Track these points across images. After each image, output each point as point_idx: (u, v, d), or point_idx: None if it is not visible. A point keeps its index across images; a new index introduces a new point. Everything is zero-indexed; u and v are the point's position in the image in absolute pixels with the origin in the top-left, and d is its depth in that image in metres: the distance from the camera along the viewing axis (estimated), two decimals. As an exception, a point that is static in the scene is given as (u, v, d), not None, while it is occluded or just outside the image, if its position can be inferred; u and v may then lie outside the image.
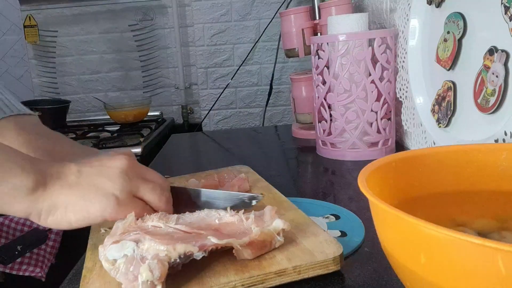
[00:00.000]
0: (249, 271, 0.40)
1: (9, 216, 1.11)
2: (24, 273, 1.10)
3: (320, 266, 0.41)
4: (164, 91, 1.89)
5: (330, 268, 0.41)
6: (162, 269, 0.37)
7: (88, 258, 0.45)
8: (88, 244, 0.49)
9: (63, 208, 0.43)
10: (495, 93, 0.56)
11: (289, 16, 1.06)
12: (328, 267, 0.41)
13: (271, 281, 0.40)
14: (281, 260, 0.41)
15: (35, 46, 1.85)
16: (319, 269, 0.41)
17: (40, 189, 0.42)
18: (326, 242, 0.44)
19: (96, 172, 0.45)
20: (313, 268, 0.41)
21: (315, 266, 0.41)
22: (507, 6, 0.54)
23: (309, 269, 0.41)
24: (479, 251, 0.23)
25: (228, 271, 0.40)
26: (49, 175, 0.44)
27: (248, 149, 1.09)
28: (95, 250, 0.45)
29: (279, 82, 1.74)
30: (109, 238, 0.42)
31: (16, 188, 0.41)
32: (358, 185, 0.33)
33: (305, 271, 0.41)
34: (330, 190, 0.73)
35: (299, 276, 0.40)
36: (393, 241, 0.31)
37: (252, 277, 0.39)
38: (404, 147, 0.92)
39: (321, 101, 0.87)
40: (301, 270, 0.40)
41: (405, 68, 0.81)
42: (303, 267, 0.40)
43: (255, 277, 0.39)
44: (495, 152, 0.42)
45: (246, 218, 0.45)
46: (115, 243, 0.40)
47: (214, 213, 0.47)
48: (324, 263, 0.41)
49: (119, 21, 1.83)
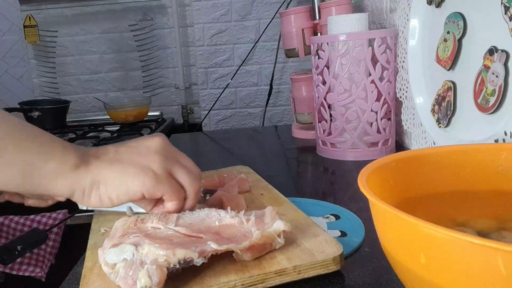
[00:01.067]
0: (249, 271, 0.40)
1: (9, 216, 1.11)
2: (24, 273, 1.10)
3: (320, 266, 0.41)
4: (164, 91, 1.89)
5: (330, 268, 0.41)
6: (160, 275, 0.36)
7: (88, 258, 0.45)
8: (89, 243, 0.49)
9: (104, 184, 0.44)
10: (495, 93, 0.56)
11: (289, 16, 1.06)
12: (328, 267, 0.41)
13: (271, 280, 0.40)
14: (281, 260, 0.41)
15: (35, 46, 1.84)
16: (319, 269, 0.41)
17: (82, 166, 0.44)
18: (326, 242, 0.44)
19: (134, 150, 0.47)
20: (313, 268, 0.41)
21: (315, 266, 0.41)
22: (507, 6, 0.54)
23: (309, 269, 0.41)
24: (479, 251, 0.23)
25: (228, 271, 0.40)
26: (89, 154, 0.45)
27: (248, 149, 1.09)
28: (95, 249, 0.45)
29: (279, 82, 1.74)
30: (108, 241, 0.42)
31: (60, 165, 0.43)
32: (358, 185, 0.33)
33: (305, 271, 0.41)
34: (330, 190, 0.73)
35: (299, 276, 0.40)
36: (393, 241, 0.31)
37: (252, 277, 0.39)
38: (404, 147, 0.92)
39: (321, 101, 0.87)
40: (301, 270, 0.40)
41: (405, 68, 0.81)
42: (303, 267, 0.41)
43: (255, 276, 0.39)
44: (495, 152, 0.42)
45: (247, 220, 0.45)
46: (114, 247, 0.40)
47: (214, 213, 0.47)
48: (324, 263, 0.41)
49: (119, 21, 1.83)
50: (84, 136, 1.52)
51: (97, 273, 0.42)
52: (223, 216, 0.46)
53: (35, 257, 1.11)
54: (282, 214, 0.53)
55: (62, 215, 1.11)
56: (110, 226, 0.51)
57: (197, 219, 0.46)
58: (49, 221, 1.11)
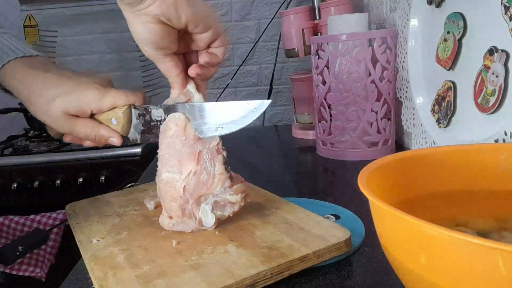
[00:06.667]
0: (274, 260, 0.41)
1: (9, 216, 1.11)
2: (24, 273, 1.10)
3: (335, 249, 0.44)
4: (164, 91, 1.89)
5: (343, 249, 0.45)
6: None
7: (94, 269, 0.43)
8: (86, 256, 0.47)
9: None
10: (495, 93, 0.56)
11: (289, 16, 1.06)
12: (341, 249, 0.45)
13: (296, 267, 0.42)
14: (300, 247, 0.44)
15: (35, 46, 1.84)
16: (334, 252, 0.44)
17: None
18: (332, 227, 0.48)
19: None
20: (330, 251, 0.44)
21: (331, 249, 0.44)
22: (507, 6, 0.54)
23: (327, 252, 0.44)
24: (479, 251, 0.23)
25: (254, 262, 0.41)
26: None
27: (248, 149, 1.09)
28: (99, 260, 0.45)
29: (279, 82, 1.74)
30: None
31: None
32: (358, 185, 0.33)
33: (323, 255, 0.44)
34: (330, 190, 0.73)
35: (318, 260, 0.43)
36: (393, 241, 0.31)
37: (280, 265, 0.41)
38: (404, 147, 0.92)
39: (321, 101, 0.88)
40: (320, 254, 0.43)
41: (405, 68, 0.81)
42: (322, 251, 0.43)
43: (282, 264, 0.41)
44: (495, 152, 0.42)
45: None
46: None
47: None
48: (338, 245, 0.44)
49: (119, 21, 1.82)
50: (84, 136, 1.52)
51: (113, 281, 0.40)
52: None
53: (35, 257, 1.11)
54: (277, 208, 0.55)
55: (62, 215, 1.11)
56: (102, 237, 0.50)
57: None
58: (49, 221, 1.11)
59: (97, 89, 0.52)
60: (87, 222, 0.56)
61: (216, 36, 0.50)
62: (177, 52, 0.50)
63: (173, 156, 0.50)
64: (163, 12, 0.44)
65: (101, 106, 0.52)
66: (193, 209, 0.49)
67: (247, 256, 0.43)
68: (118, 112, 0.52)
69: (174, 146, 0.50)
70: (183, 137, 0.49)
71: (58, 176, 1.21)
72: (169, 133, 0.50)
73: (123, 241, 0.49)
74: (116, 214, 0.57)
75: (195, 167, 0.49)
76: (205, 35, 0.49)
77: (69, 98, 0.51)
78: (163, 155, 0.51)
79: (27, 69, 0.54)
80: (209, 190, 0.49)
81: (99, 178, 1.21)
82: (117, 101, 0.52)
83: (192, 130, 0.49)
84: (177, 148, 0.50)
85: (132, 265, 0.43)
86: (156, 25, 0.45)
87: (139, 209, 0.59)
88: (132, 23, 0.47)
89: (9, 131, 1.66)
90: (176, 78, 0.51)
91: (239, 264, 0.41)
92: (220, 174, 0.49)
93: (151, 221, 0.54)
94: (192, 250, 0.45)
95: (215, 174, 0.49)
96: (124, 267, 0.43)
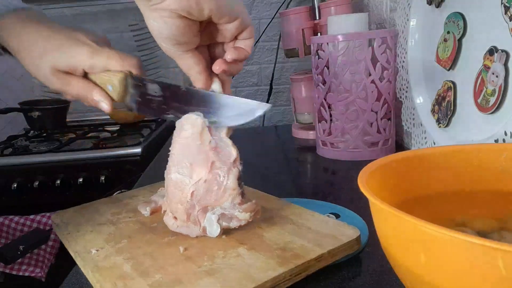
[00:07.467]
0: (291, 261, 0.41)
1: (9, 216, 1.11)
2: (24, 273, 1.10)
3: (348, 247, 0.44)
4: (164, 91, 1.89)
5: (354, 248, 0.45)
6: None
7: (101, 281, 0.41)
8: (86, 268, 0.44)
9: None
10: (495, 93, 0.56)
11: (289, 16, 1.06)
12: (353, 247, 0.45)
13: (312, 268, 0.42)
14: (314, 247, 0.43)
15: (35, 46, 1.84)
16: (347, 250, 0.44)
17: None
18: (340, 226, 0.48)
19: None
20: (343, 250, 0.44)
21: (345, 247, 0.44)
22: (507, 6, 0.54)
23: (340, 251, 0.44)
24: (479, 251, 0.23)
25: (271, 265, 0.41)
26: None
27: (248, 149, 1.09)
28: (103, 271, 0.42)
29: (279, 82, 1.74)
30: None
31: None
32: (358, 185, 0.33)
33: (337, 254, 0.44)
34: (330, 190, 0.73)
35: (332, 259, 0.43)
36: (393, 241, 0.31)
37: (298, 266, 0.41)
38: (404, 147, 0.92)
39: (321, 101, 0.88)
40: (334, 254, 0.43)
41: (405, 68, 0.81)
42: (335, 250, 0.43)
43: (300, 265, 0.41)
44: (495, 152, 0.42)
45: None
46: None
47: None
48: (350, 244, 0.44)
49: (119, 21, 1.82)
50: (84, 136, 1.52)
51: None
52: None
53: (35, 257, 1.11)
54: (279, 209, 0.54)
55: (62, 215, 1.11)
56: (101, 247, 0.47)
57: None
58: (49, 221, 1.11)
59: (89, 46, 0.48)
60: (80, 232, 0.53)
61: (244, 27, 0.45)
62: (200, 44, 0.46)
63: (186, 158, 0.48)
64: (182, 6, 0.40)
65: (92, 65, 0.48)
66: (199, 216, 0.47)
67: (263, 259, 0.42)
68: (113, 80, 0.49)
69: (188, 148, 0.48)
70: (198, 142, 0.47)
71: (58, 176, 1.21)
72: (185, 134, 0.48)
73: (125, 249, 0.47)
74: (110, 222, 0.54)
75: (207, 175, 0.47)
76: (231, 25, 0.44)
77: (58, 54, 0.48)
78: (175, 154, 0.49)
79: (19, 22, 0.51)
80: (217, 203, 0.47)
81: (99, 178, 1.21)
82: (110, 62, 0.48)
83: (208, 136, 0.47)
84: (191, 150, 0.48)
85: (142, 274, 0.41)
86: (176, 19, 0.41)
87: (133, 216, 0.56)
88: (148, 18, 0.42)
89: (9, 131, 1.66)
90: (198, 76, 0.47)
91: (257, 267, 0.40)
92: (232, 189, 0.47)
93: (150, 227, 0.52)
94: (202, 256, 0.43)
95: (226, 188, 0.47)
96: (134, 276, 0.41)
